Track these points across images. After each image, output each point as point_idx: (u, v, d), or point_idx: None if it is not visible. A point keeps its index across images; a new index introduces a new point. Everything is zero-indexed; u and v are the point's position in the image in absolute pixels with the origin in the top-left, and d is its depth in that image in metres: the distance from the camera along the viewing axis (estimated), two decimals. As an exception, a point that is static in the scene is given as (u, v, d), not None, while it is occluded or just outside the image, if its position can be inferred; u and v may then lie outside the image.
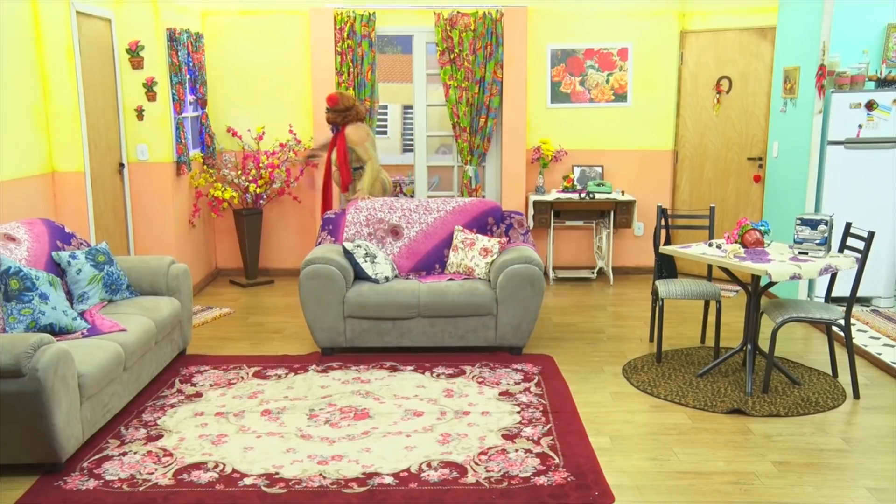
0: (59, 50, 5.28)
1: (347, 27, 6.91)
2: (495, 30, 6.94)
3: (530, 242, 5.62)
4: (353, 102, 6.10)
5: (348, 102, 6.07)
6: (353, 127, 6.07)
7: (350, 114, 6.08)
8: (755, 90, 6.77)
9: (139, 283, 4.91)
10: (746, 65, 6.79)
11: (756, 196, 6.88)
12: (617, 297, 6.81)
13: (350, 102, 6.08)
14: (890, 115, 5.82)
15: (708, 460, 3.69)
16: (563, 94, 7.26)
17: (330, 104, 6.08)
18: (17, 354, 3.33)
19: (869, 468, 3.62)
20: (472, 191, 7.23)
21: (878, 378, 4.76)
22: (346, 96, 6.09)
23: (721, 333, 5.16)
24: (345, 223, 5.66)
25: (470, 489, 3.38)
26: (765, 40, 6.64)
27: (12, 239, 4.29)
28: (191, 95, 6.72)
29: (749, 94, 6.81)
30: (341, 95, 6.08)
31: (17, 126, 5.00)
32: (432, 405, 4.31)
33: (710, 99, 7.02)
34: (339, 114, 6.07)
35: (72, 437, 3.57)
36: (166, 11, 6.15)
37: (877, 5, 5.98)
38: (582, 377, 4.79)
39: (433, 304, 5.03)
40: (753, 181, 6.87)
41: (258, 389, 4.57)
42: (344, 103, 6.05)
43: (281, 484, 3.44)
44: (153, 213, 6.23)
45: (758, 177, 6.84)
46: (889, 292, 6.11)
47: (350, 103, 6.07)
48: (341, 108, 6.05)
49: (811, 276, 4.30)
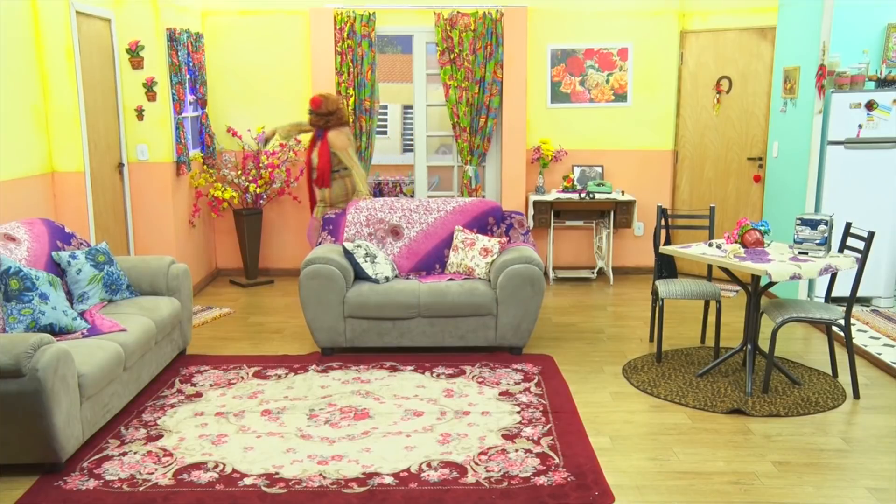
0: (58, 50, 5.28)
1: (347, 27, 6.91)
2: (495, 30, 6.94)
3: (530, 242, 5.62)
4: (338, 106, 5.97)
5: (332, 106, 5.93)
6: (335, 132, 5.94)
7: (333, 118, 5.95)
8: (755, 90, 6.77)
9: (139, 283, 4.91)
10: (746, 65, 6.79)
11: (756, 196, 6.89)
12: (617, 297, 6.81)
13: (334, 106, 5.94)
14: (890, 115, 5.82)
15: (708, 460, 3.69)
16: (563, 94, 7.26)
17: (313, 107, 5.95)
18: (17, 354, 3.33)
19: (869, 468, 3.62)
20: (472, 191, 7.23)
21: (878, 378, 4.76)
22: (330, 99, 5.95)
23: (721, 333, 5.15)
24: (345, 223, 5.66)
25: (470, 489, 3.38)
26: (765, 40, 6.64)
27: (12, 239, 4.29)
28: (191, 95, 6.72)
29: (749, 94, 6.81)
30: (325, 98, 5.94)
31: (17, 126, 5.00)
32: (432, 405, 4.31)
33: (710, 99, 7.02)
34: (321, 117, 5.95)
35: (72, 437, 3.57)
36: (166, 11, 6.15)
37: (877, 5, 5.98)
38: (582, 377, 4.79)
39: (433, 304, 5.03)
40: (753, 181, 6.87)
41: (258, 389, 4.57)
42: (328, 107, 5.92)
43: (281, 484, 3.44)
44: (153, 213, 6.23)
45: (758, 177, 6.84)
46: (889, 292, 6.11)
47: (334, 107, 5.94)
48: (324, 112, 5.93)
49: (811, 276, 4.30)
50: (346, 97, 6.99)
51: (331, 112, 5.94)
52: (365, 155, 7.18)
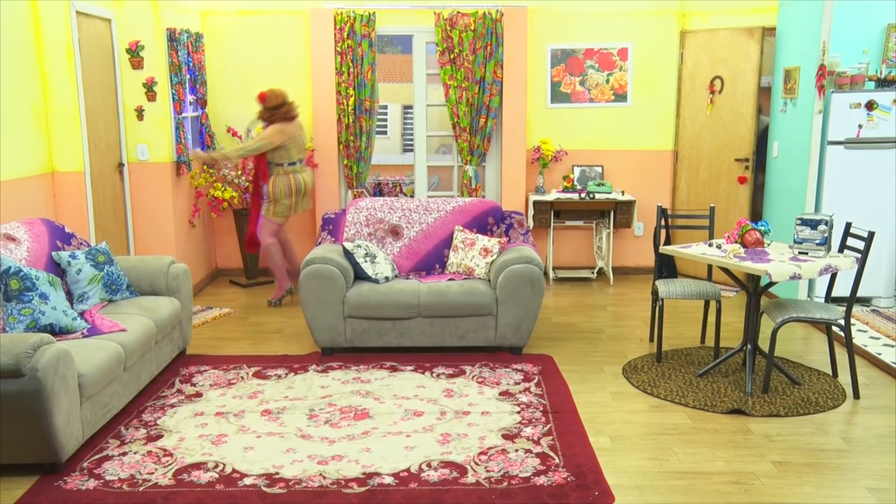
0: (59, 50, 5.28)
1: (347, 27, 6.91)
2: (495, 30, 6.94)
3: (530, 242, 5.62)
4: (283, 101, 6.14)
5: (276, 101, 6.12)
6: (277, 129, 6.10)
7: (278, 113, 6.13)
8: (744, 90, 6.74)
9: (139, 283, 4.91)
10: (736, 65, 6.77)
11: (743, 197, 6.84)
12: (617, 297, 6.81)
13: (278, 101, 6.12)
14: (890, 115, 5.82)
15: (708, 460, 3.69)
16: (563, 94, 7.26)
17: (259, 100, 6.17)
18: (17, 354, 3.33)
19: (869, 468, 3.62)
20: (472, 191, 7.23)
21: (878, 378, 4.77)
22: (275, 94, 6.14)
23: (721, 333, 5.15)
24: (345, 223, 5.66)
25: (470, 489, 3.38)
26: (751, 39, 6.61)
27: (12, 239, 4.29)
28: (191, 95, 6.72)
29: (738, 95, 6.79)
30: (270, 92, 6.15)
31: (17, 126, 5.00)
32: (432, 405, 4.31)
33: (705, 99, 7.02)
34: (267, 111, 6.15)
35: (72, 437, 3.57)
36: (166, 11, 6.15)
37: (877, 5, 5.98)
38: (582, 377, 4.79)
39: (433, 304, 5.03)
40: (738, 182, 6.84)
41: (258, 389, 4.57)
42: (272, 101, 6.11)
43: (281, 484, 3.44)
44: (153, 213, 6.23)
45: (743, 178, 6.80)
46: (889, 292, 6.11)
47: (278, 102, 6.12)
48: (269, 106, 6.12)
49: (811, 276, 4.30)
50: (347, 97, 6.99)
51: (276, 106, 6.11)
52: (365, 155, 7.18)
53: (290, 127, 6.18)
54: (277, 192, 6.18)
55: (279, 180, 6.18)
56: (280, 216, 6.28)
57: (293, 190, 6.23)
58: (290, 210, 6.31)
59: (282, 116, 6.13)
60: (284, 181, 6.18)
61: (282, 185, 6.18)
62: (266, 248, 6.35)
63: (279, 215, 6.28)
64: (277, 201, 6.21)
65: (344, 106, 7.04)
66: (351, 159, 7.16)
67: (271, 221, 6.29)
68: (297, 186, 6.24)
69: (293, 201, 6.27)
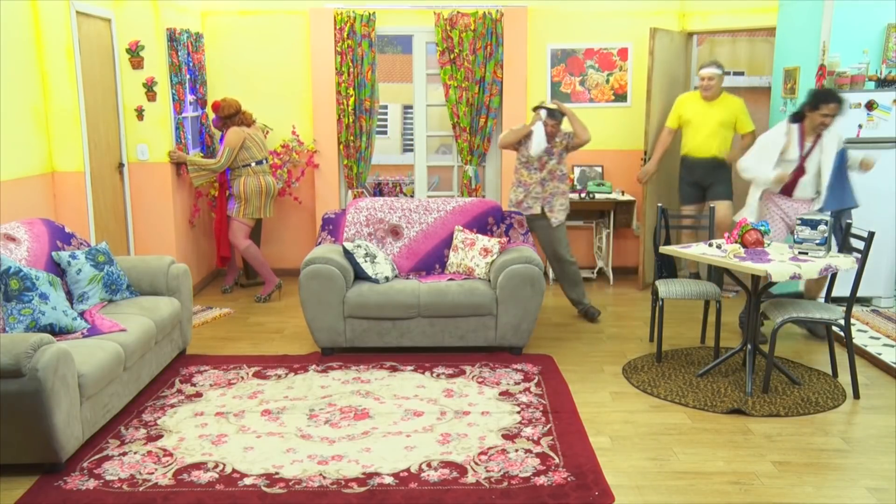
0: (59, 50, 5.28)
1: (347, 27, 6.91)
2: (495, 30, 6.94)
3: (530, 242, 5.62)
4: (236, 109, 6.33)
5: (230, 110, 6.32)
6: (232, 130, 6.25)
7: (232, 121, 6.33)
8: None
9: (139, 283, 4.91)
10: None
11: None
12: (617, 297, 6.81)
13: (231, 110, 6.32)
14: (890, 115, 5.82)
15: (708, 460, 3.69)
16: (563, 94, 7.25)
17: (213, 110, 6.39)
18: (17, 354, 3.33)
19: (869, 468, 3.62)
20: (472, 191, 7.23)
21: (878, 378, 4.77)
22: (228, 104, 6.33)
23: (721, 333, 5.15)
24: (345, 223, 5.66)
25: (470, 489, 3.38)
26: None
27: (12, 239, 4.29)
28: (191, 95, 6.72)
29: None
30: (224, 102, 6.35)
31: (17, 126, 4.99)
32: (432, 405, 4.31)
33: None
34: (221, 120, 6.36)
35: (72, 437, 3.57)
36: (166, 11, 6.15)
37: (877, 5, 5.97)
38: (582, 377, 4.79)
39: (433, 304, 5.03)
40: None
41: (258, 389, 4.57)
42: (225, 111, 6.31)
43: (281, 484, 3.44)
44: (153, 213, 6.23)
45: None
46: (889, 292, 6.11)
47: (231, 111, 6.32)
48: (223, 115, 6.32)
49: (811, 276, 4.30)
50: (347, 97, 6.99)
51: (229, 116, 6.32)
52: (365, 155, 7.18)
53: (247, 128, 6.37)
54: (248, 191, 6.32)
55: (249, 180, 6.33)
56: (249, 217, 6.41)
57: (262, 190, 6.38)
58: (259, 211, 6.43)
59: (237, 124, 6.34)
60: (255, 181, 6.35)
61: (252, 184, 6.33)
62: (244, 251, 6.49)
63: (248, 216, 6.40)
64: (248, 201, 6.35)
65: (344, 106, 7.04)
66: (351, 159, 7.16)
67: (242, 223, 6.42)
68: (267, 187, 6.41)
69: (262, 202, 6.41)
